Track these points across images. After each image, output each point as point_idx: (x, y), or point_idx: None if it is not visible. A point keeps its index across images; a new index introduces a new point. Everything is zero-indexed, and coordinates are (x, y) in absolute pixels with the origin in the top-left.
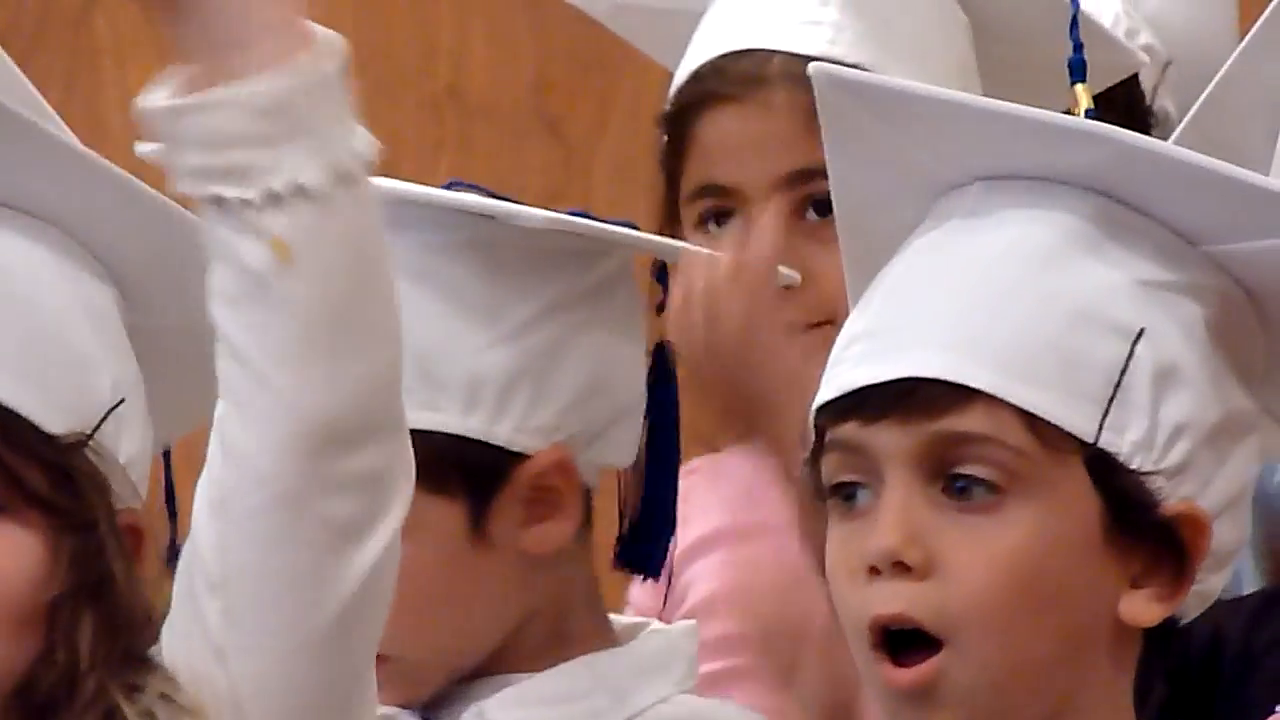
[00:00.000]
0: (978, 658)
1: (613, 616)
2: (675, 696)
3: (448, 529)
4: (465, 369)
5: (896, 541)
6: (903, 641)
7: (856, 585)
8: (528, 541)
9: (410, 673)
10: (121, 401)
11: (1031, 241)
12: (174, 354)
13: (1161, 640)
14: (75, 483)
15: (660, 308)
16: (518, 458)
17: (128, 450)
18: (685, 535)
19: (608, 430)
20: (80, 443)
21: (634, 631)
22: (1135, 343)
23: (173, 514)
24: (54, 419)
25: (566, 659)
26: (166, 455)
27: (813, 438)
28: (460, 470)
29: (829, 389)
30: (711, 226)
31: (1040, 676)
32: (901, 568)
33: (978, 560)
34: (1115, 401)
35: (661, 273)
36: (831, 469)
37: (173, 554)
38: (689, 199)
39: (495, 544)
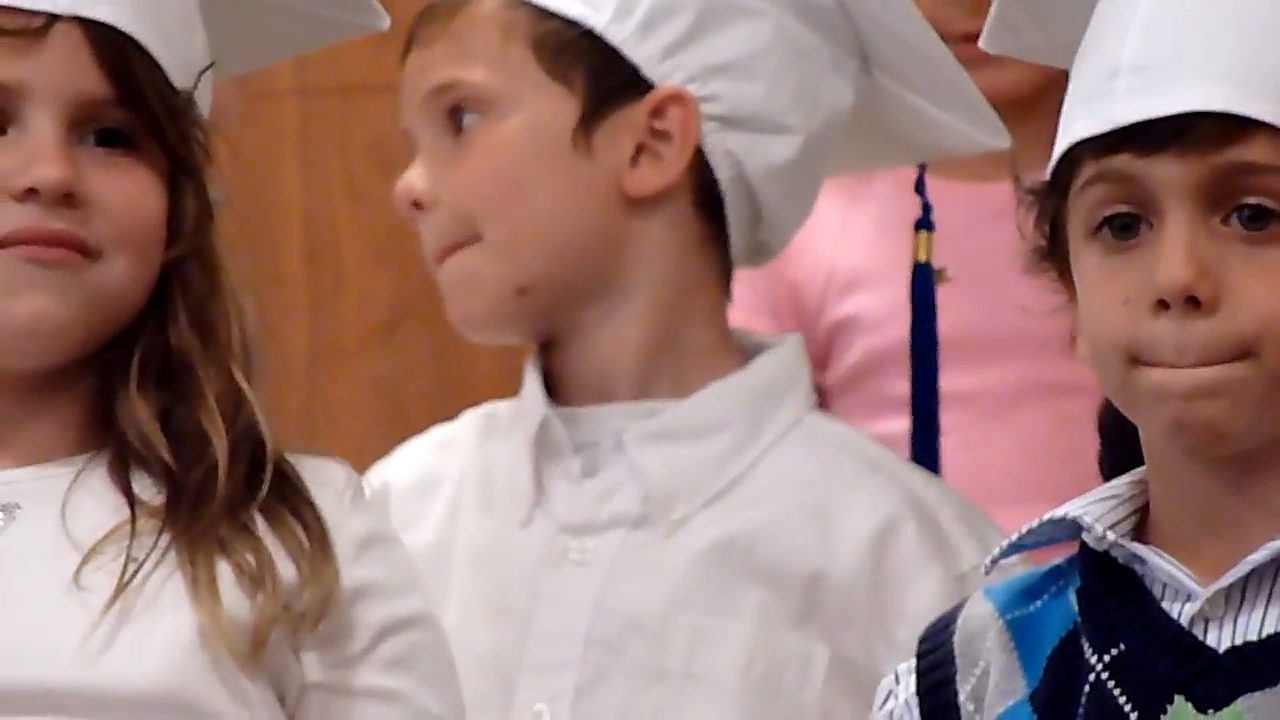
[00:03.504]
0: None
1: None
2: (806, 417)
3: (555, 119)
4: None
5: (1189, 275)
6: None
7: (1133, 316)
8: (629, 180)
9: (490, 261)
10: (212, 65)
11: None
12: None
13: None
14: (189, 138)
15: (923, 224)
16: (647, 86)
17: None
18: None
19: (746, 121)
20: (190, 99)
21: (747, 346)
22: None
23: None
24: (177, 74)
25: (697, 382)
26: None
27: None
28: (586, 69)
29: (1095, 122)
30: None
31: None
32: (1192, 304)
33: (1271, 288)
34: None
35: (920, 185)
36: (1100, 199)
37: None
38: None
39: (596, 158)
